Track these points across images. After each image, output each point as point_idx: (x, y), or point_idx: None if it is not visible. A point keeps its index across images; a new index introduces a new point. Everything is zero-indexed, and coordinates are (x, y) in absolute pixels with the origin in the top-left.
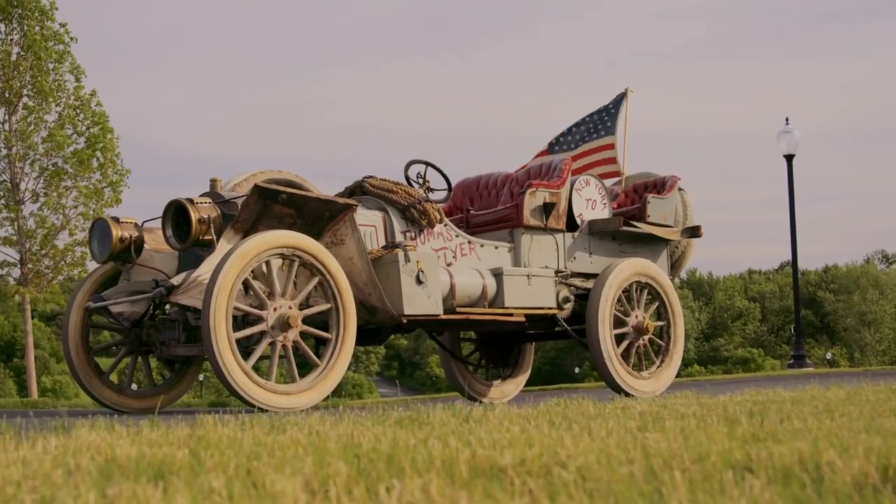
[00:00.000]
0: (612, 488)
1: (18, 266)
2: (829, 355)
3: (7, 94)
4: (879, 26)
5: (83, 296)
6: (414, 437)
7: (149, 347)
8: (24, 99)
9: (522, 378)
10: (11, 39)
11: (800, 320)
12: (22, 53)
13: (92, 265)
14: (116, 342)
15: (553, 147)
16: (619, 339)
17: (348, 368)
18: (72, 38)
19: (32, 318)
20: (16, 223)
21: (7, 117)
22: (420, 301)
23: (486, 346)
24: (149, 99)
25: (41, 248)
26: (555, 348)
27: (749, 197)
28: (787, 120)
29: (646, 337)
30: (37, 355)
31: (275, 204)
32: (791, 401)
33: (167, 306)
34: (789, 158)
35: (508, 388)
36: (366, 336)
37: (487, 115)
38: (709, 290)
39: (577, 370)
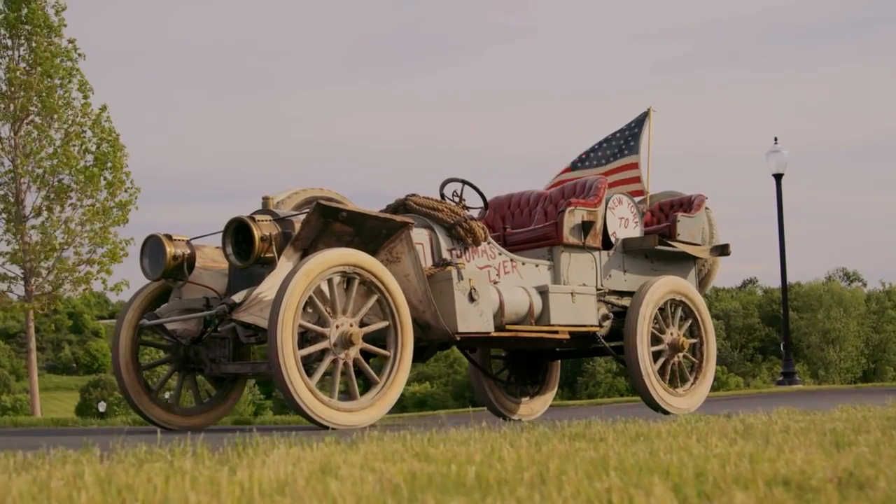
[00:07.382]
0: None
1: (22, 282)
2: None
3: (14, 110)
4: (834, 48)
5: (133, 313)
6: (643, 453)
7: (196, 365)
8: (31, 115)
9: (549, 395)
10: (18, 55)
11: (788, 337)
12: (29, 70)
13: (97, 283)
14: (164, 360)
15: (576, 165)
16: (655, 356)
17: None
18: (80, 55)
19: None
20: (20, 239)
21: (13, 133)
22: (473, 318)
23: (515, 364)
24: (119, 113)
25: (45, 264)
26: None
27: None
28: (775, 139)
29: (681, 354)
30: None
31: (335, 222)
32: None
33: (218, 324)
34: (778, 177)
35: (536, 406)
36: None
37: (457, 136)
38: None
39: None
